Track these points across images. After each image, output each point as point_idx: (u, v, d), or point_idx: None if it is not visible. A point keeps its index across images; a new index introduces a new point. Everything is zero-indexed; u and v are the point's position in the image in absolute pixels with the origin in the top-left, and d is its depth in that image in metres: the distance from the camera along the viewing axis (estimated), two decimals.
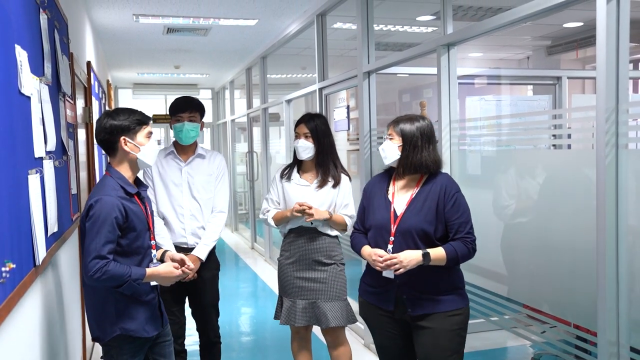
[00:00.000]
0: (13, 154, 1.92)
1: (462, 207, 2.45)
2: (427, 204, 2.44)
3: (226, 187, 3.35)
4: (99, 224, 2.24)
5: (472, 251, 2.44)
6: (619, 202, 2.20)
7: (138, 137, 2.40)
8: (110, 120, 2.37)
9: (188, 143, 3.24)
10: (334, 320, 3.10)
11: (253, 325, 5.31)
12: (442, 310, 2.43)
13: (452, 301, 2.44)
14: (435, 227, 2.43)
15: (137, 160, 2.42)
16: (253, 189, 9.05)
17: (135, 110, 2.46)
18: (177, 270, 2.45)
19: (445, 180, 2.50)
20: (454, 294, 2.46)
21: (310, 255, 3.15)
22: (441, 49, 3.31)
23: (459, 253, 2.40)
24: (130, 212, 2.33)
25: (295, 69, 9.67)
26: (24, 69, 2.06)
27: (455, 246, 2.40)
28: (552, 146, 3.23)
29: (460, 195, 2.46)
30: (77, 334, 3.62)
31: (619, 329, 2.23)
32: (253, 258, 8.31)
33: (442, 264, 2.40)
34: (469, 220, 2.45)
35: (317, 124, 3.17)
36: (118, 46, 7.47)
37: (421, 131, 2.51)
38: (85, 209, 2.31)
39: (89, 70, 4.94)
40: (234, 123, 10.61)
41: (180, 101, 3.26)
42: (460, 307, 2.46)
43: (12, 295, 1.80)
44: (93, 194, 2.33)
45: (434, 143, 2.55)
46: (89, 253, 2.23)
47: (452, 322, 2.44)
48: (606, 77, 2.17)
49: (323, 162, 3.18)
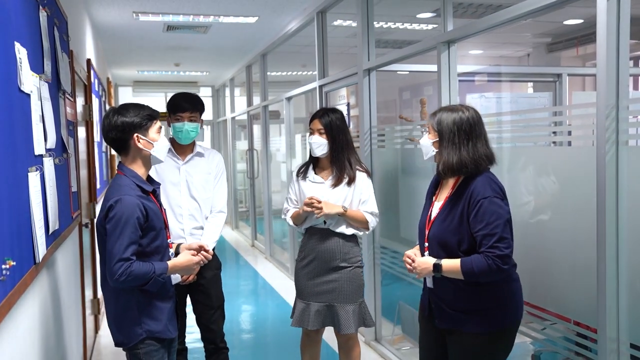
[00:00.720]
0: (13, 151, 1.92)
1: (488, 217, 2.14)
2: (453, 212, 2.24)
3: (225, 186, 3.27)
4: (121, 225, 2.18)
5: (493, 268, 2.11)
6: (619, 199, 2.20)
7: (150, 133, 2.34)
8: (121, 118, 2.29)
9: (187, 143, 3.15)
10: (346, 327, 3.06)
11: (253, 322, 5.31)
12: (463, 329, 2.26)
13: (473, 322, 2.23)
14: (459, 238, 2.21)
15: (150, 157, 2.36)
16: (253, 187, 9.05)
17: (143, 105, 2.39)
18: (196, 257, 2.41)
19: (477, 184, 2.20)
20: (479, 314, 2.23)
21: (325, 257, 3.08)
22: (441, 46, 3.30)
23: (475, 268, 2.14)
24: (150, 211, 2.27)
25: (295, 66, 9.66)
26: (23, 66, 2.06)
27: (474, 260, 2.15)
28: (552, 143, 3.23)
29: (489, 202, 2.15)
30: (78, 332, 3.63)
31: (619, 326, 2.23)
32: (253, 256, 8.32)
33: (460, 277, 2.19)
34: (496, 232, 2.12)
35: (331, 119, 3.08)
36: (118, 44, 7.46)
37: (458, 125, 2.24)
38: (103, 209, 2.24)
39: (89, 68, 4.94)
40: (235, 121, 10.60)
41: (180, 99, 3.13)
42: (482, 330, 2.22)
43: (12, 293, 1.80)
44: (110, 194, 2.26)
45: (477, 138, 2.25)
46: (112, 256, 2.17)
47: (471, 343, 2.25)
48: (606, 74, 2.17)
49: (338, 159, 3.09)
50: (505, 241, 2.14)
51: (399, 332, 4.41)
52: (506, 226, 2.16)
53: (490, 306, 2.23)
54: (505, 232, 2.14)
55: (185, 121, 3.08)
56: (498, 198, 2.17)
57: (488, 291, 2.22)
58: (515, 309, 2.28)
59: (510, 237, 2.17)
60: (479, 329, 2.23)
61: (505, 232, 2.14)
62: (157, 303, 2.33)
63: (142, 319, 2.31)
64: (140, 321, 2.30)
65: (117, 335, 2.34)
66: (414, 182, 3.98)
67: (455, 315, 2.27)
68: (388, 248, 4.32)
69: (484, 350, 2.25)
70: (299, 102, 9.74)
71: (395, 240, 4.25)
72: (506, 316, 2.24)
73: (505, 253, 2.13)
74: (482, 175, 2.23)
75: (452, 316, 2.28)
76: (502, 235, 2.13)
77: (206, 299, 3.16)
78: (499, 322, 2.23)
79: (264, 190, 8.12)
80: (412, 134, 4.17)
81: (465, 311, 2.25)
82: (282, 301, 5.87)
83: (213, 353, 3.22)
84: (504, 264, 2.12)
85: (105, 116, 2.35)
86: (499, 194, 2.19)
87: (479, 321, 2.23)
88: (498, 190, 2.20)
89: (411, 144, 4.10)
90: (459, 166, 2.23)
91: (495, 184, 2.22)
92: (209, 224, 3.16)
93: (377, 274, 4.39)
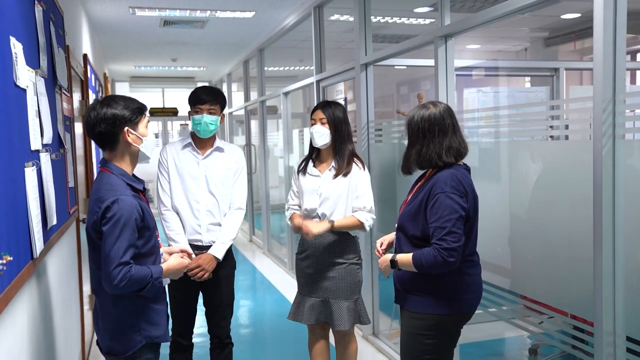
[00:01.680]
0: (9, 146, 1.92)
1: (441, 211, 2.22)
2: (416, 201, 2.35)
3: (245, 182, 3.19)
4: (120, 228, 2.06)
5: (439, 260, 2.20)
6: (615, 193, 2.20)
7: (140, 127, 2.22)
8: (110, 110, 2.15)
9: (206, 136, 3.08)
10: (340, 324, 3.05)
11: (251, 317, 5.32)
12: (407, 308, 2.40)
13: (418, 302, 2.36)
14: (414, 225, 2.34)
15: (138, 153, 2.26)
16: (251, 182, 9.05)
17: (130, 97, 2.27)
18: (185, 259, 2.36)
19: (439, 178, 2.29)
20: (425, 296, 2.34)
21: (320, 252, 3.09)
22: (438, 41, 3.30)
23: (424, 261, 2.25)
24: (145, 211, 2.18)
25: (292, 61, 9.65)
26: (19, 60, 2.05)
27: (424, 253, 2.26)
28: (549, 137, 3.23)
29: (445, 196, 2.23)
30: (76, 327, 3.63)
31: (616, 319, 2.24)
32: (251, 251, 8.32)
33: (414, 270, 2.31)
34: (446, 226, 2.20)
35: (334, 110, 3.08)
36: (114, 39, 7.44)
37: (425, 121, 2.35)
38: (96, 211, 2.10)
39: (86, 63, 4.92)
40: (232, 116, 10.58)
41: (200, 91, 3.08)
42: (425, 312, 2.34)
43: (9, 288, 1.80)
44: (103, 194, 2.11)
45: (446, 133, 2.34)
46: (110, 260, 2.05)
47: (413, 324, 2.38)
48: (603, 67, 2.17)
49: (340, 151, 3.09)
50: (454, 235, 2.20)
51: (397, 326, 4.41)
52: (458, 221, 2.22)
53: (432, 291, 2.33)
54: (455, 226, 2.21)
55: (205, 113, 3.03)
56: (456, 194, 2.24)
57: (432, 277, 2.31)
58: (457, 301, 2.34)
59: (461, 232, 2.23)
60: (420, 309, 2.35)
61: (455, 226, 2.21)
62: (154, 306, 2.24)
63: (141, 324, 2.21)
64: (139, 327, 2.21)
65: (114, 345, 2.21)
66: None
67: (402, 293, 2.43)
68: None
69: (420, 332, 2.35)
70: (297, 98, 9.73)
71: None
72: (447, 305, 2.32)
73: (452, 246, 2.20)
74: (448, 170, 2.31)
75: (400, 293, 2.45)
76: (452, 230, 2.20)
77: (218, 297, 3.13)
78: (439, 308, 2.32)
79: (262, 186, 8.12)
80: None
81: (410, 291, 2.38)
82: (280, 296, 5.87)
83: (217, 347, 3.22)
84: (449, 256, 2.20)
85: (91, 108, 2.20)
86: (459, 191, 2.25)
87: (420, 301, 2.35)
88: (458, 186, 2.26)
89: None
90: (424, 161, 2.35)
91: (457, 180, 2.27)
92: (227, 221, 3.10)
93: (375, 269, 4.39)
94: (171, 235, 3.01)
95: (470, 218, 2.31)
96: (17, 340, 1.98)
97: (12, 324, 1.91)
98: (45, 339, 2.48)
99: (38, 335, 2.36)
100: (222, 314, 3.17)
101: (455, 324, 2.39)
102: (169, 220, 3.01)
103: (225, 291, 3.15)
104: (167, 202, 3.05)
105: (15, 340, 1.95)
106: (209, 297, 3.14)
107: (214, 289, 3.11)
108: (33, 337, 2.25)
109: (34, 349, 2.26)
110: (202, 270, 2.94)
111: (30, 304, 2.25)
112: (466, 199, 2.27)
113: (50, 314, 2.68)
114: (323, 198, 3.09)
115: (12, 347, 1.91)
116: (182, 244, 2.96)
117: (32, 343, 2.23)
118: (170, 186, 3.06)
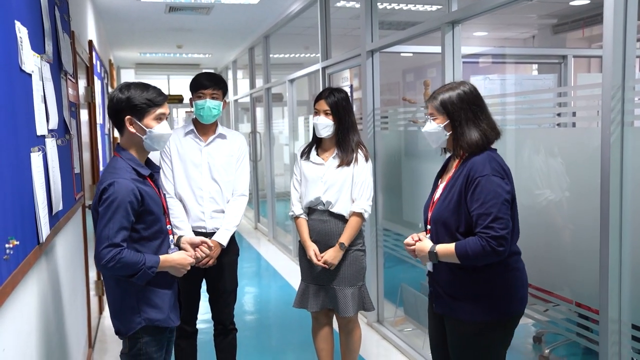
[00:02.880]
0: (15, 131, 1.92)
1: (484, 196, 2.02)
2: (453, 191, 2.15)
3: (247, 169, 3.20)
4: (113, 209, 2.08)
5: (488, 249, 2.01)
6: (623, 180, 2.19)
7: (147, 119, 2.19)
8: (119, 94, 2.17)
9: (209, 122, 3.08)
10: (344, 311, 3.06)
11: (257, 304, 5.34)
12: (454, 316, 2.20)
13: (466, 310, 2.15)
14: (458, 218, 2.13)
15: (142, 143, 2.24)
16: (256, 170, 9.05)
17: (150, 86, 2.24)
18: (190, 259, 2.31)
19: (476, 161, 2.09)
20: (472, 302, 2.14)
21: (324, 238, 3.08)
22: (445, 27, 3.27)
23: (469, 250, 2.05)
24: (145, 195, 2.17)
25: (298, 48, 9.60)
26: (24, 45, 2.04)
27: (468, 242, 2.06)
28: (556, 125, 3.21)
29: (486, 180, 2.04)
30: (82, 312, 3.65)
31: (621, 307, 2.23)
32: (256, 238, 8.34)
33: (456, 262, 2.11)
34: (491, 212, 2.01)
35: (337, 99, 3.05)
36: (120, 25, 7.41)
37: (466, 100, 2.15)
38: (97, 193, 2.15)
39: (91, 50, 4.91)
40: (237, 103, 10.57)
41: (203, 77, 3.07)
42: (475, 319, 2.14)
43: (16, 272, 1.81)
44: (104, 177, 2.15)
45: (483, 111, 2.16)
46: (101, 240, 2.08)
47: (461, 331, 2.19)
48: (613, 54, 2.15)
49: (344, 140, 3.07)
50: (501, 221, 2.01)
51: (401, 314, 4.43)
52: (504, 206, 2.03)
53: (484, 295, 2.14)
54: (501, 212, 2.02)
55: (207, 98, 3.03)
56: (497, 177, 2.06)
57: (483, 279, 2.14)
58: (510, 301, 2.16)
59: (508, 217, 2.05)
60: (472, 318, 2.15)
61: (501, 212, 2.02)
62: (156, 290, 2.24)
63: (141, 306, 2.22)
64: (139, 309, 2.22)
65: (117, 323, 2.25)
66: (417, 164, 3.97)
67: (450, 301, 2.21)
68: (391, 230, 4.33)
69: (477, 340, 2.18)
70: (302, 85, 9.70)
71: (398, 223, 4.25)
72: (501, 307, 2.15)
73: (501, 234, 2.01)
74: (484, 153, 2.13)
75: (447, 302, 2.22)
76: (498, 215, 2.01)
77: (222, 283, 3.14)
78: (493, 313, 2.13)
79: (267, 173, 8.12)
80: (416, 116, 4.15)
81: (459, 298, 2.17)
82: (284, 283, 5.89)
83: (221, 333, 3.24)
84: (498, 245, 2.01)
85: (115, 89, 2.24)
86: (499, 173, 2.08)
87: (472, 309, 2.14)
88: (498, 168, 2.09)
89: (414, 126, 4.08)
90: (483, 141, 2.13)
91: (495, 162, 2.10)
92: (230, 208, 3.10)
93: (380, 256, 4.40)
94: (175, 223, 3.01)
95: (514, 202, 2.13)
96: (23, 324, 1.99)
97: (20, 306, 1.93)
98: (51, 324, 2.50)
99: (47, 318, 2.38)
100: (225, 300, 3.19)
101: (511, 325, 2.21)
102: (172, 208, 3.01)
103: (229, 277, 3.17)
104: (170, 190, 3.05)
105: (21, 325, 1.96)
106: (213, 284, 3.16)
107: (218, 276, 3.12)
108: (41, 319, 2.27)
109: (43, 331, 2.28)
110: (207, 256, 2.94)
111: (38, 287, 2.26)
112: (509, 180, 2.10)
113: (58, 298, 2.70)
114: (328, 186, 3.08)
115: (19, 332, 1.92)
116: (185, 230, 2.97)
117: (41, 325, 2.25)
118: (173, 173, 3.06)
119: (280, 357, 4.00)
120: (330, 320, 3.29)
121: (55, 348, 2.54)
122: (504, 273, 2.15)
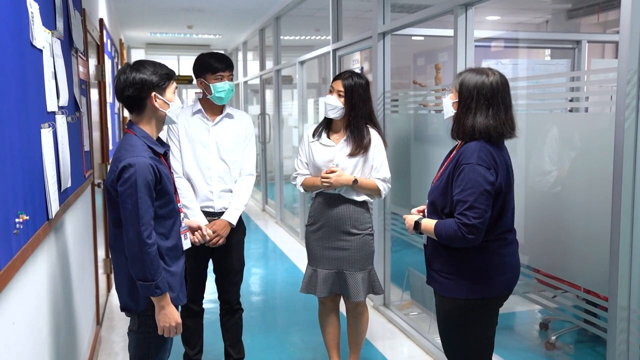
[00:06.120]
0: (25, 106, 1.92)
1: (465, 183, 2.08)
2: (445, 174, 2.23)
3: (254, 149, 3.20)
4: (138, 188, 2.07)
5: (459, 235, 2.09)
6: (636, 166, 2.16)
7: (167, 92, 2.25)
8: (139, 74, 2.18)
9: (224, 103, 3.11)
10: (355, 296, 3.05)
11: (263, 285, 5.37)
12: (438, 291, 2.30)
13: (446, 286, 2.24)
14: (445, 199, 2.21)
15: (165, 118, 2.28)
16: (265, 152, 9.05)
17: (159, 63, 2.28)
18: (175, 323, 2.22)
19: (466, 149, 2.14)
20: (454, 279, 2.21)
21: (335, 223, 3.06)
22: (458, 9, 3.23)
23: (443, 231, 2.15)
24: (162, 173, 2.18)
25: (308, 30, 9.54)
26: (35, 20, 2.04)
27: (446, 223, 2.15)
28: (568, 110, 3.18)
29: (470, 168, 2.08)
30: (91, 290, 3.68)
31: (631, 294, 2.22)
32: (264, 220, 8.36)
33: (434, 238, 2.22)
34: (468, 200, 2.07)
35: (355, 83, 2.99)
36: (130, 4, 7.39)
37: (479, 89, 2.15)
38: (114, 170, 2.12)
39: (102, 28, 4.90)
40: (247, 85, 10.54)
41: (215, 59, 3.05)
42: (453, 296, 2.22)
43: (25, 247, 1.82)
44: (122, 154, 2.13)
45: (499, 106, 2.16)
46: (138, 218, 2.06)
47: (443, 307, 2.29)
48: (630, 37, 2.11)
49: (356, 128, 3.02)
50: (475, 210, 2.06)
51: (408, 297, 4.44)
52: (482, 196, 2.06)
53: (462, 274, 2.20)
54: (478, 201, 2.06)
55: (226, 80, 3.04)
56: (482, 166, 2.08)
57: (460, 258, 2.20)
58: (488, 284, 2.19)
59: (484, 208, 2.07)
60: (450, 294, 2.23)
61: (478, 201, 2.06)
62: (169, 269, 2.25)
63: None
64: None
65: (128, 301, 2.23)
66: (427, 147, 3.94)
67: (435, 276, 2.30)
68: (399, 214, 4.32)
69: (455, 316, 2.25)
70: (312, 68, 9.64)
71: (406, 207, 4.23)
72: (477, 288, 2.19)
73: (472, 223, 2.06)
74: (478, 142, 2.14)
75: (433, 276, 2.32)
76: (474, 204, 2.06)
77: (229, 263, 3.15)
78: (470, 292, 2.19)
79: (276, 155, 8.12)
80: (426, 100, 4.12)
81: (440, 273, 2.26)
82: (291, 265, 5.91)
83: (227, 313, 3.26)
84: (469, 233, 2.07)
85: (120, 72, 2.22)
86: (486, 163, 2.09)
87: (452, 286, 2.22)
88: (487, 158, 2.10)
89: (424, 109, 4.05)
90: (470, 131, 2.15)
91: (486, 152, 2.11)
92: (239, 187, 3.10)
93: (387, 240, 4.39)
94: (184, 202, 3.01)
95: (502, 193, 2.14)
96: (32, 300, 2.01)
97: (30, 281, 1.94)
98: (60, 300, 2.52)
99: (56, 294, 2.40)
100: (232, 279, 3.20)
101: (489, 307, 2.25)
102: (181, 187, 3.02)
103: (236, 257, 3.18)
104: (178, 169, 3.05)
105: (30, 300, 1.98)
106: (220, 263, 3.17)
107: (225, 255, 3.13)
108: (50, 295, 2.29)
109: (52, 306, 2.30)
110: (218, 236, 2.95)
111: (47, 263, 2.28)
112: (495, 172, 2.10)
113: (67, 274, 2.72)
114: (339, 168, 3.04)
115: (28, 307, 1.94)
116: (194, 210, 2.97)
117: (50, 301, 2.27)
118: (181, 153, 3.06)
119: (286, 338, 4.02)
120: (337, 304, 3.29)
121: (63, 324, 2.57)
122: (483, 255, 2.19)
